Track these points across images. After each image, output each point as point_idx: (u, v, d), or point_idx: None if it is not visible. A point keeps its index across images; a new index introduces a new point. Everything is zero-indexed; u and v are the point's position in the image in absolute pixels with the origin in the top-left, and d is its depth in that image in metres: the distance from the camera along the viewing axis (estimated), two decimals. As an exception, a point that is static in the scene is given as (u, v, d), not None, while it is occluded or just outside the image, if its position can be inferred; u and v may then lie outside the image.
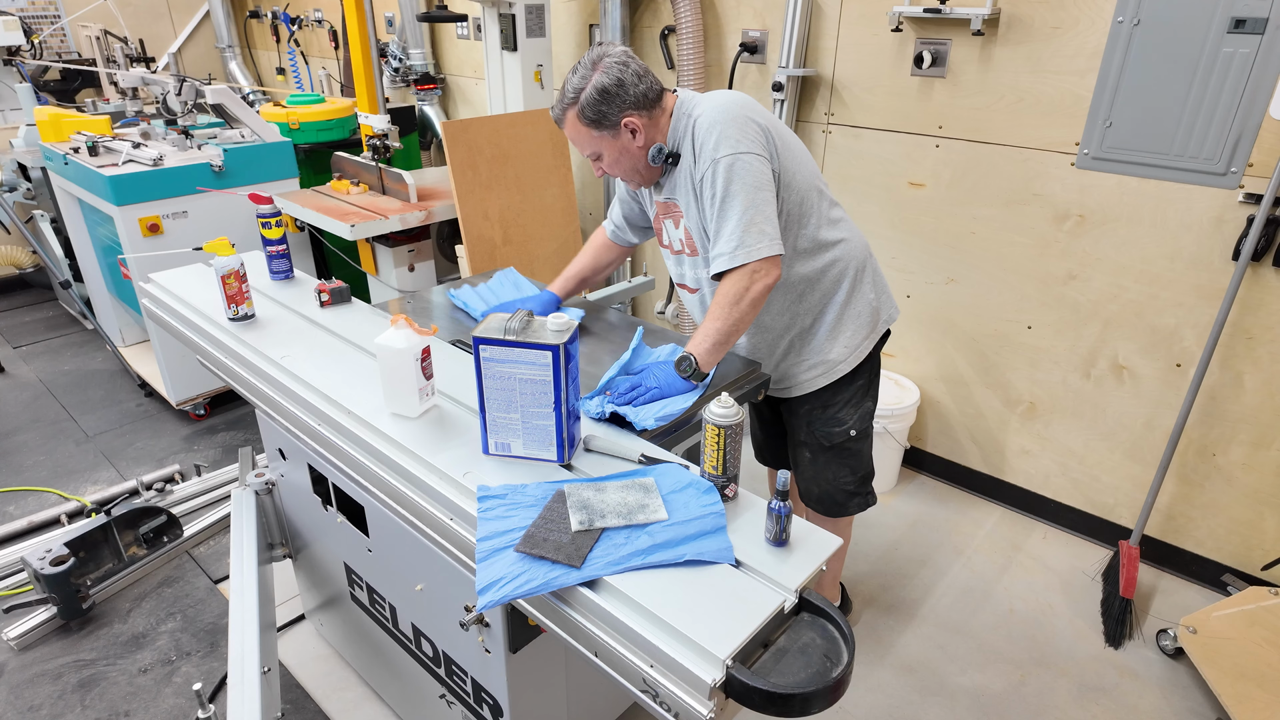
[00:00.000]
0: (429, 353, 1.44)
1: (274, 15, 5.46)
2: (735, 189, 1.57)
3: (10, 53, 4.68)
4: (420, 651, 1.77)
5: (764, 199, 1.58)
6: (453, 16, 3.76)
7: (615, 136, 1.64)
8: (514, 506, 1.22)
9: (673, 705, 1.00)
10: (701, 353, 1.59)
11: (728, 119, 1.58)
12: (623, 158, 1.68)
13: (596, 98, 1.58)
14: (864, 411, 1.93)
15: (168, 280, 2.10)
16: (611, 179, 3.56)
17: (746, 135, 1.58)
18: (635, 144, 1.65)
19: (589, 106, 1.60)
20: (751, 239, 1.56)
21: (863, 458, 1.99)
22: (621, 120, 1.61)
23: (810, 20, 2.83)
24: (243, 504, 2.00)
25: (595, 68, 1.59)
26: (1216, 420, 2.39)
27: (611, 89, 1.58)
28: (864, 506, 2.04)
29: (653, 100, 1.64)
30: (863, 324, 1.84)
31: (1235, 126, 2.12)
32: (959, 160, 2.65)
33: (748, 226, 1.56)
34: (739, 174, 1.56)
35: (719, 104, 1.61)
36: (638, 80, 1.60)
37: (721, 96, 1.64)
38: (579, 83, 1.60)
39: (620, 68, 1.59)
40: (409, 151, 4.09)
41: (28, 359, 4.09)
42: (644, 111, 1.63)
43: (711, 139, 1.58)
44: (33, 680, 2.21)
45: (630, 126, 1.62)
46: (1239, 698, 1.97)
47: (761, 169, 1.58)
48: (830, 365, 1.85)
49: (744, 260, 1.57)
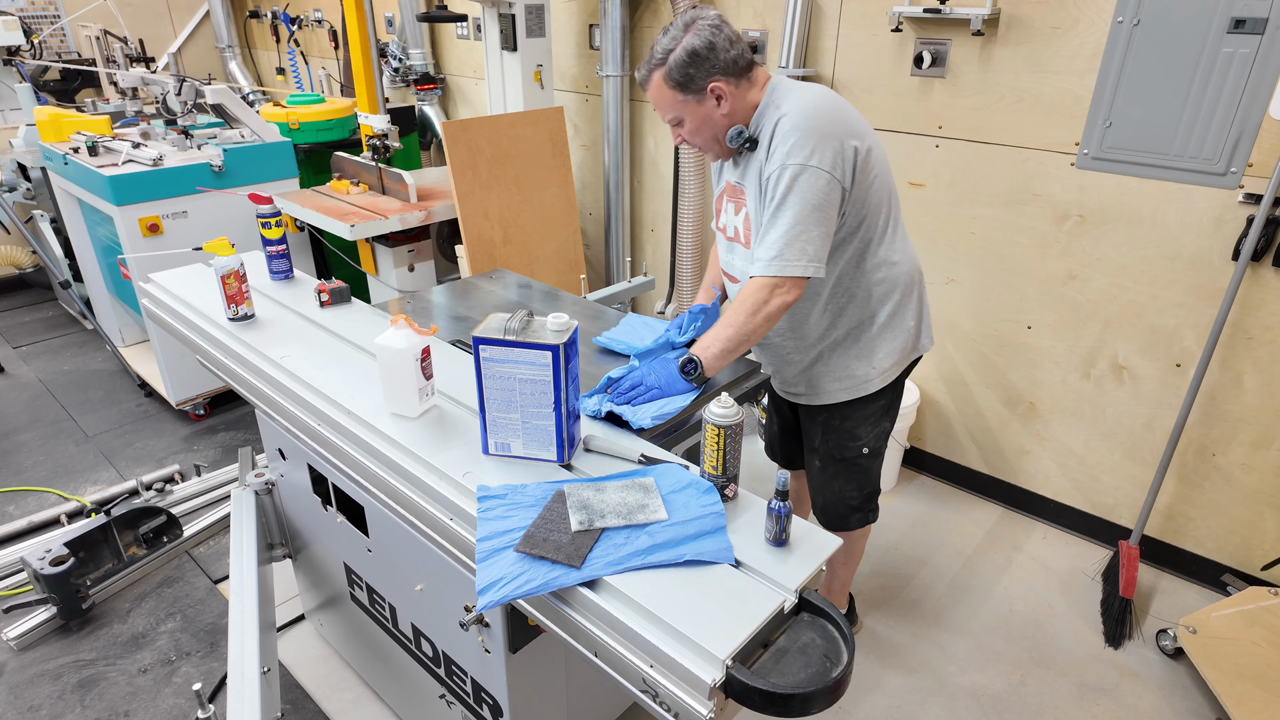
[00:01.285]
0: (429, 353, 1.44)
1: (274, 15, 5.46)
2: (792, 200, 1.53)
3: (10, 53, 4.68)
4: (420, 651, 1.77)
5: (817, 218, 1.54)
6: (453, 16, 3.76)
7: (700, 102, 1.60)
8: (514, 507, 1.22)
9: (673, 705, 1.00)
10: (709, 358, 1.59)
11: (811, 128, 1.54)
12: (705, 125, 1.63)
13: (685, 59, 1.55)
14: (880, 431, 1.92)
15: (168, 280, 2.10)
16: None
17: (824, 149, 1.53)
18: (719, 111, 1.61)
19: (677, 68, 1.56)
20: (791, 254, 1.54)
21: (871, 475, 1.99)
22: (708, 85, 1.57)
23: (810, 20, 2.83)
24: (242, 504, 2.00)
25: (687, 30, 1.55)
26: (1216, 420, 2.40)
27: (702, 51, 1.54)
28: (865, 523, 2.03)
29: (742, 69, 1.59)
30: (897, 347, 1.82)
31: (1235, 126, 2.12)
32: (959, 160, 2.65)
33: (791, 240, 1.54)
34: (801, 186, 1.53)
35: (808, 107, 1.57)
36: (729, 46, 1.56)
37: (813, 97, 1.59)
38: (669, 44, 1.56)
39: (713, 30, 1.55)
40: (409, 151, 4.09)
41: (28, 359, 4.09)
42: (732, 79, 1.58)
43: (789, 142, 1.54)
44: (32, 680, 2.21)
45: (716, 92, 1.58)
46: (1239, 698, 1.97)
47: (826, 188, 1.54)
48: (857, 382, 1.83)
49: (775, 272, 1.55)
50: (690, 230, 3.31)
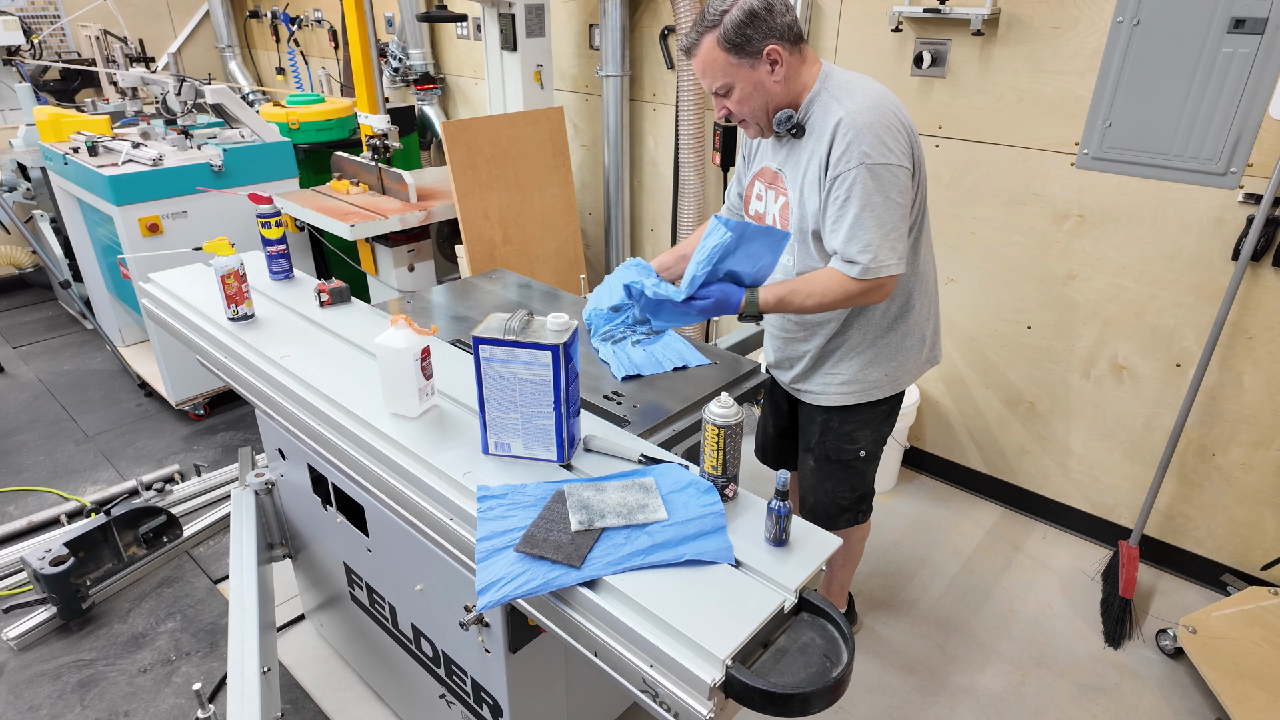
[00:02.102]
0: (429, 353, 1.44)
1: (274, 15, 5.46)
2: (878, 199, 1.51)
3: (10, 52, 4.68)
4: (420, 651, 1.77)
5: (901, 215, 1.54)
6: (452, 16, 3.76)
7: (754, 67, 1.54)
8: (514, 506, 1.22)
9: (672, 705, 1.00)
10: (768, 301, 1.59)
11: (883, 123, 1.52)
12: (756, 93, 1.58)
13: (742, 20, 1.50)
14: (879, 435, 1.91)
15: (167, 280, 2.10)
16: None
17: (900, 145, 1.53)
18: (773, 78, 1.56)
19: (733, 29, 1.50)
20: (885, 255, 1.53)
21: (865, 478, 1.98)
22: (765, 48, 1.52)
23: (810, 20, 2.83)
24: (242, 504, 2.00)
25: None
26: (1216, 420, 2.40)
27: (760, 12, 1.50)
28: (853, 523, 2.02)
29: (797, 36, 1.55)
30: (909, 359, 1.81)
31: (1235, 126, 2.12)
32: (959, 160, 2.65)
33: (883, 240, 1.52)
34: (886, 182, 1.51)
35: (874, 103, 1.54)
36: (785, 10, 1.53)
37: (874, 93, 1.57)
38: (723, 5, 1.51)
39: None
40: (409, 151, 4.09)
41: (27, 359, 4.09)
42: (788, 44, 1.54)
43: (864, 140, 1.50)
44: (32, 680, 2.21)
45: (772, 56, 1.53)
46: (1239, 698, 1.97)
47: (906, 184, 1.54)
48: (867, 387, 1.82)
49: (875, 275, 1.54)
50: (690, 230, 3.31)
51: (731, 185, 1.94)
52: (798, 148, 1.63)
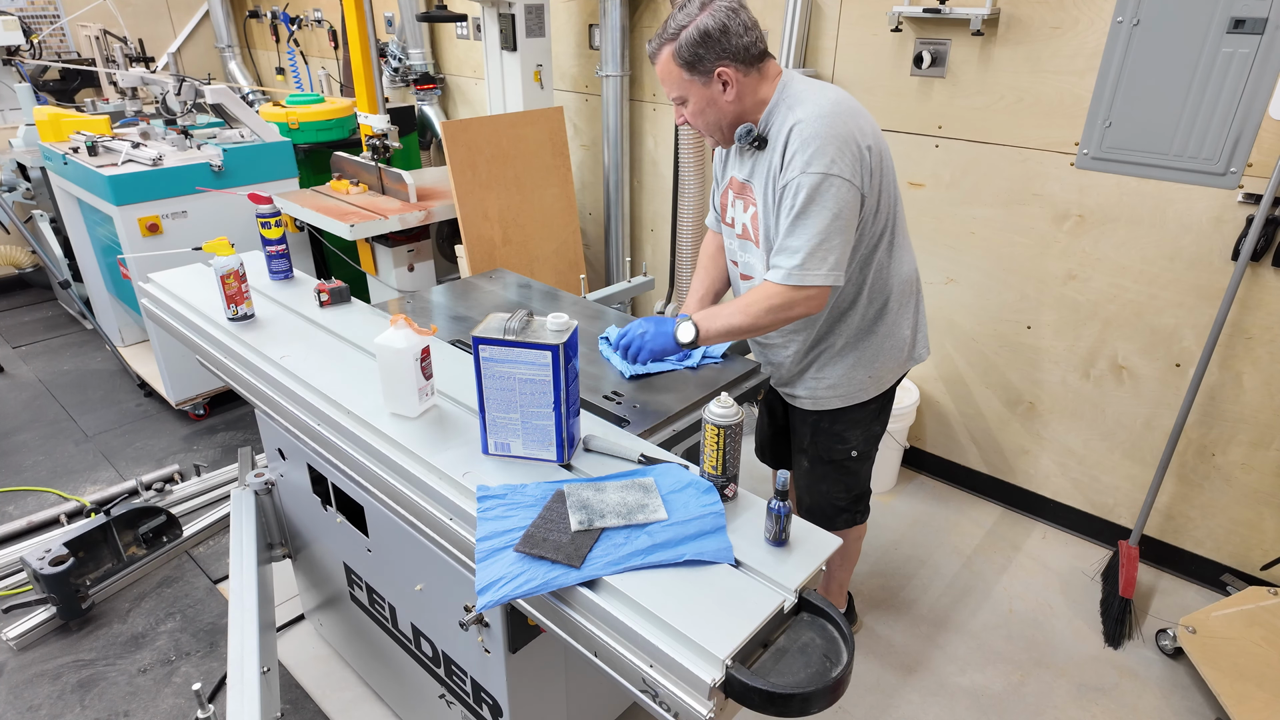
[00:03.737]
0: (428, 353, 1.44)
1: (273, 15, 5.46)
2: (816, 209, 1.51)
3: (10, 52, 4.68)
4: (420, 651, 1.77)
5: (840, 226, 1.52)
6: (452, 16, 3.76)
7: (706, 85, 1.57)
8: (514, 506, 1.22)
9: (672, 705, 1.00)
10: (708, 330, 1.60)
11: (830, 134, 1.50)
12: (708, 109, 1.60)
13: (696, 39, 1.52)
14: (871, 435, 1.92)
15: (167, 280, 2.10)
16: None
17: (845, 155, 1.51)
18: (725, 97, 1.58)
19: (686, 46, 1.53)
20: (814, 263, 1.53)
21: (860, 477, 1.98)
22: (716, 69, 1.54)
23: (810, 20, 2.83)
24: (242, 504, 2.00)
25: (704, 9, 1.52)
26: (1216, 420, 2.40)
27: (714, 33, 1.51)
28: (851, 523, 2.03)
29: (754, 57, 1.56)
30: (892, 358, 1.82)
31: (1234, 126, 2.12)
32: (959, 160, 2.65)
33: (814, 249, 1.52)
34: (824, 194, 1.50)
35: (825, 112, 1.53)
36: (743, 32, 1.53)
37: (828, 101, 1.55)
38: (683, 20, 1.53)
39: (729, 14, 1.52)
40: (408, 151, 4.09)
41: (27, 359, 4.09)
42: (742, 66, 1.55)
43: (809, 150, 1.50)
44: (32, 680, 2.21)
45: (723, 78, 1.55)
46: (1238, 698, 1.97)
47: (849, 197, 1.52)
48: (853, 389, 1.83)
49: (797, 282, 1.54)
50: (690, 230, 3.31)
51: (715, 196, 1.95)
52: (761, 158, 1.64)
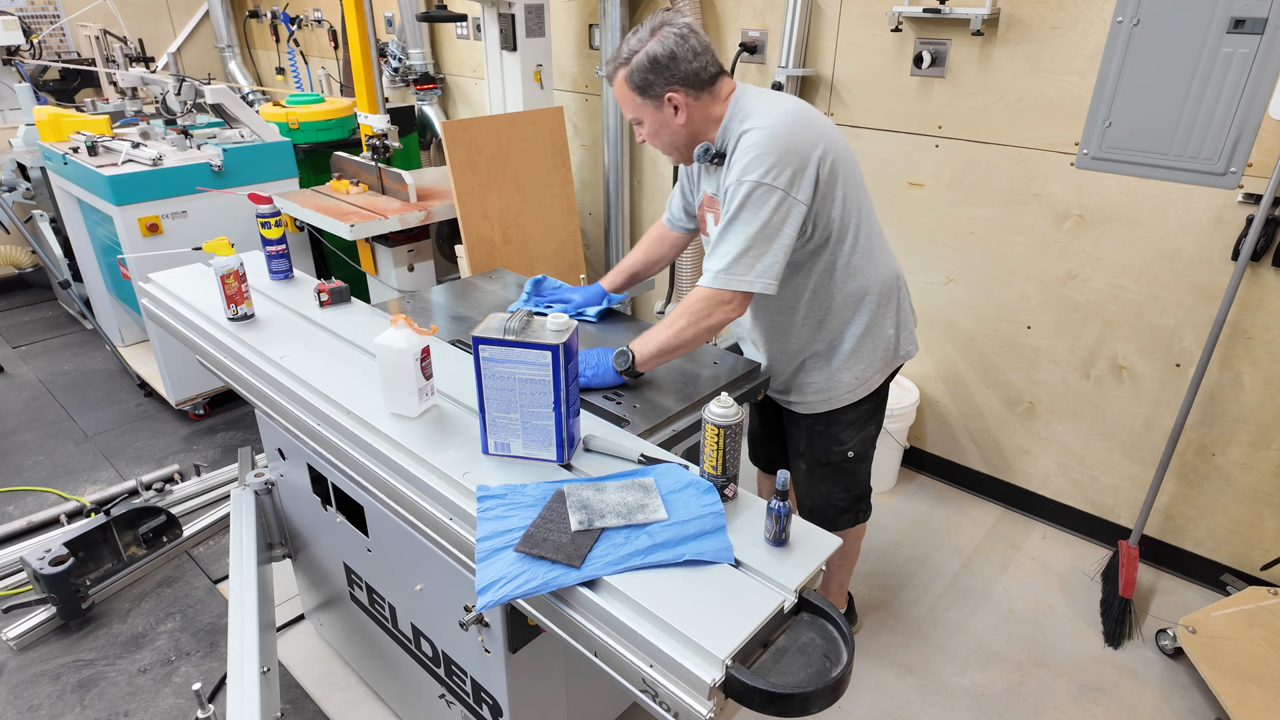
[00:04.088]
0: (428, 353, 1.44)
1: (273, 15, 5.46)
2: (745, 215, 1.53)
3: (10, 52, 4.68)
4: (420, 651, 1.77)
5: (769, 235, 1.53)
6: (452, 16, 3.76)
7: (658, 108, 1.60)
8: (513, 506, 1.22)
9: (672, 705, 1.00)
10: (643, 355, 1.61)
11: (771, 146, 1.52)
12: (662, 131, 1.64)
13: (646, 65, 1.55)
14: (866, 435, 1.92)
15: (167, 280, 2.10)
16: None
17: (782, 168, 1.51)
18: (676, 121, 1.61)
19: (637, 72, 1.56)
20: (739, 268, 1.54)
21: (859, 477, 1.99)
22: (666, 93, 1.57)
23: (810, 20, 2.83)
24: (242, 504, 2.00)
25: (654, 34, 1.55)
26: (1216, 420, 2.40)
27: (663, 60, 1.54)
28: (854, 523, 2.03)
29: (705, 82, 1.58)
30: (877, 358, 1.82)
31: (1234, 126, 2.12)
32: (959, 160, 2.66)
33: (740, 255, 1.53)
34: (755, 203, 1.52)
35: (772, 123, 1.54)
36: (692, 58, 1.55)
37: (778, 112, 1.57)
38: (634, 45, 1.56)
39: (678, 40, 1.54)
40: (408, 151, 4.09)
41: (27, 359, 4.08)
42: (692, 91, 1.58)
43: (748, 158, 1.53)
44: (32, 680, 2.21)
45: (674, 102, 1.58)
46: (1238, 697, 1.97)
47: (780, 208, 1.53)
48: (840, 391, 1.83)
49: (721, 285, 1.56)
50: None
51: (674, 196, 1.98)
52: (722, 173, 1.67)
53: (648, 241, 2.05)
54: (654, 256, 2.05)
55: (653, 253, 2.04)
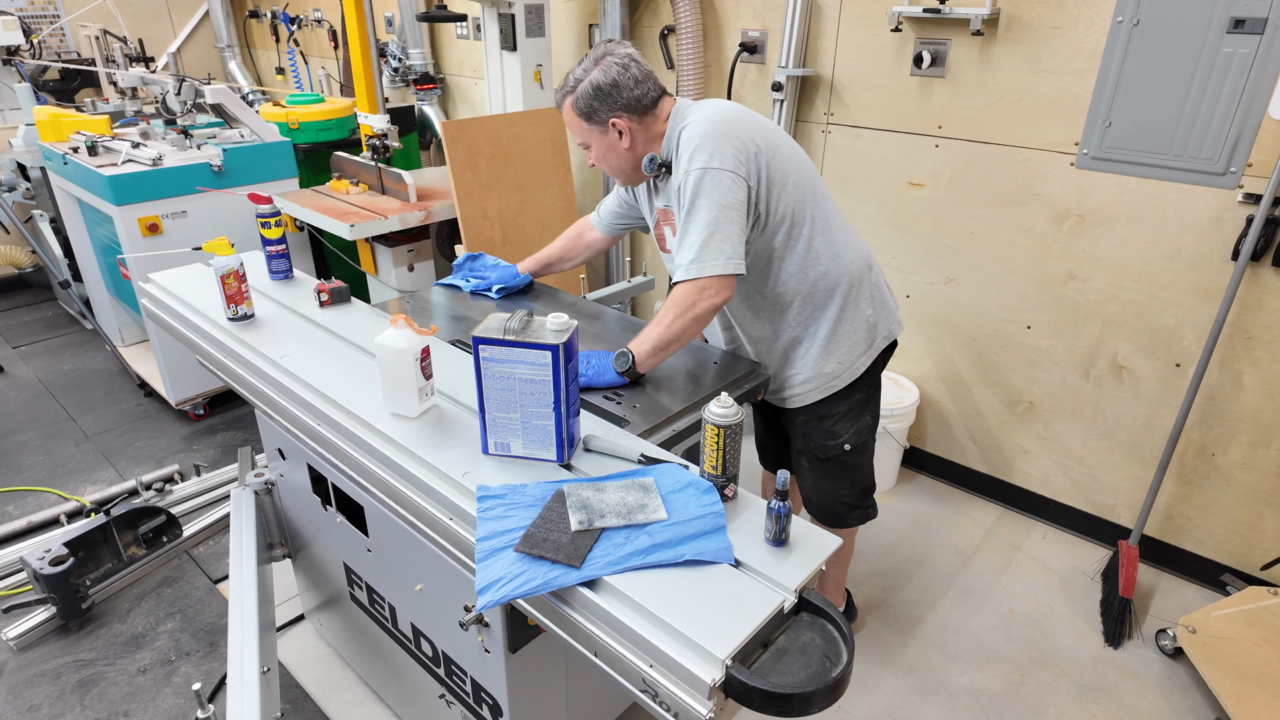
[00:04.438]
0: (428, 353, 1.44)
1: (273, 15, 5.46)
2: (701, 203, 1.58)
3: (9, 52, 4.68)
4: (420, 651, 1.77)
5: (728, 217, 1.58)
6: (452, 16, 3.76)
7: (604, 133, 1.69)
8: (513, 506, 1.22)
9: (672, 705, 1.00)
10: (641, 354, 1.63)
11: (710, 132, 1.59)
12: (609, 154, 1.73)
13: (590, 92, 1.64)
14: (861, 426, 1.92)
15: (167, 280, 2.10)
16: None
17: (724, 151, 1.58)
18: (622, 145, 1.69)
19: (582, 99, 1.65)
20: (708, 255, 1.57)
21: (861, 471, 1.99)
22: (610, 120, 1.65)
23: (810, 20, 2.83)
24: (242, 504, 2.00)
25: (597, 64, 1.63)
26: (1216, 420, 2.40)
27: (605, 88, 1.62)
28: (864, 519, 2.04)
29: (646, 107, 1.67)
30: (858, 340, 1.84)
31: (1234, 126, 2.12)
32: (958, 160, 2.66)
33: (706, 242, 1.57)
34: (707, 188, 1.57)
35: (706, 115, 1.63)
36: (634, 85, 1.63)
37: (711, 108, 1.66)
38: (580, 74, 1.65)
39: (620, 69, 1.62)
40: (408, 151, 4.09)
41: (27, 359, 4.08)
42: (635, 116, 1.67)
43: (689, 150, 1.60)
44: (32, 680, 2.21)
45: (618, 128, 1.66)
46: (1238, 697, 1.97)
47: (732, 186, 1.58)
48: (825, 379, 1.85)
49: (696, 275, 1.58)
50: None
51: (610, 199, 2.03)
52: (672, 181, 1.72)
53: (568, 237, 2.15)
54: (570, 254, 2.15)
55: (570, 250, 2.14)
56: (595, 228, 2.09)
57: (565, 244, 2.14)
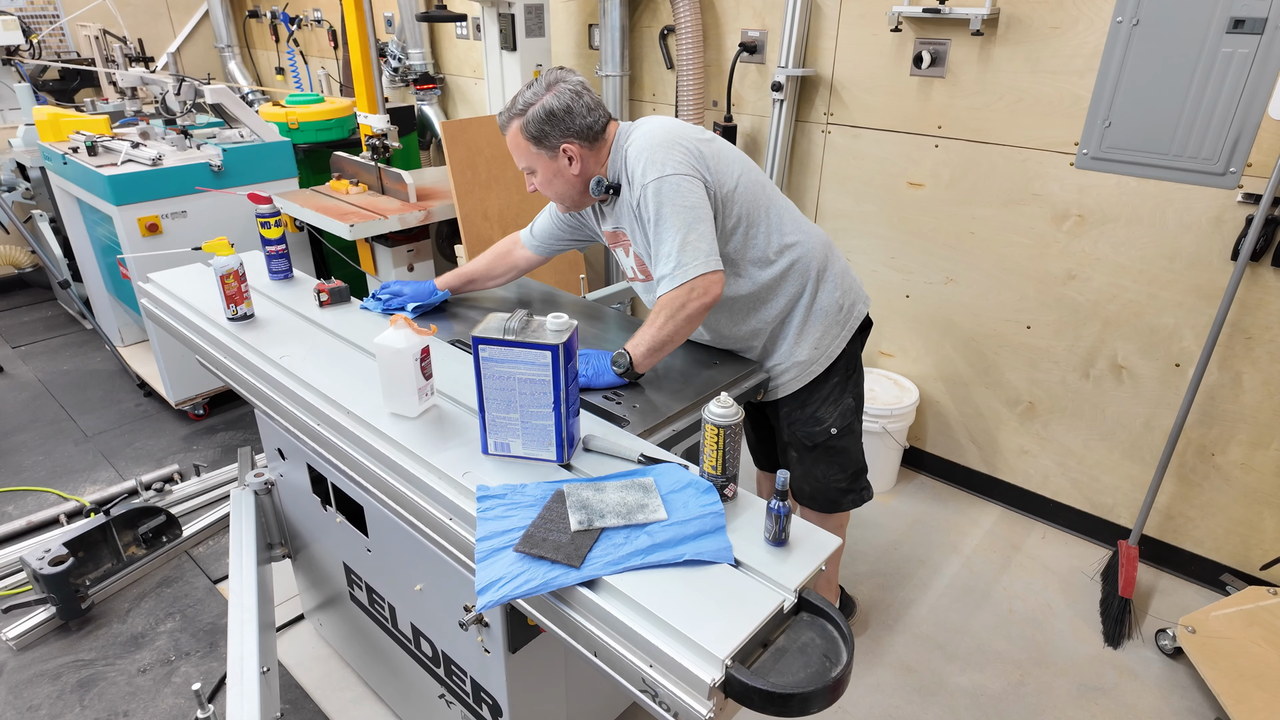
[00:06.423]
0: (428, 352, 1.44)
1: (273, 15, 5.46)
2: (666, 211, 1.59)
3: (9, 52, 4.68)
4: (419, 651, 1.77)
5: (696, 217, 1.60)
6: (452, 16, 3.76)
7: (553, 158, 1.68)
8: (513, 506, 1.22)
9: (672, 705, 1.00)
10: (638, 355, 1.64)
11: (653, 144, 1.62)
12: (555, 180, 1.72)
13: (542, 117, 1.63)
14: (843, 409, 1.93)
15: (167, 280, 2.10)
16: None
17: (672, 158, 1.61)
18: (571, 170, 1.69)
19: (533, 123, 1.64)
20: (688, 257, 1.58)
21: (850, 455, 2.00)
22: (561, 145, 1.65)
23: (810, 20, 2.83)
24: (242, 504, 2.00)
25: (549, 89, 1.63)
26: (1215, 420, 2.40)
27: (559, 113, 1.62)
28: (859, 502, 2.05)
29: (596, 133, 1.68)
30: (830, 323, 1.86)
31: (1234, 126, 2.12)
32: (958, 160, 2.66)
33: (682, 246, 1.58)
34: (668, 196, 1.59)
35: (646, 131, 1.66)
36: (586, 113, 1.64)
37: (649, 124, 1.68)
38: (530, 98, 1.64)
39: (573, 96, 1.63)
40: (408, 151, 4.09)
41: (27, 359, 4.08)
42: (585, 143, 1.67)
43: (640, 165, 1.61)
44: (32, 680, 2.21)
45: (568, 153, 1.66)
46: (1238, 697, 1.97)
47: (691, 188, 1.60)
48: (802, 367, 1.87)
49: (682, 280, 1.59)
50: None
51: (543, 217, 1.99)
52: (621, 202, 1.74)
53: (494, 254, 2.07)
54: (494, 272, 2.08)
55: (494, 268, 2.07)
56: (525, 246, 2.03)
57: (490, 261, 2.07)
